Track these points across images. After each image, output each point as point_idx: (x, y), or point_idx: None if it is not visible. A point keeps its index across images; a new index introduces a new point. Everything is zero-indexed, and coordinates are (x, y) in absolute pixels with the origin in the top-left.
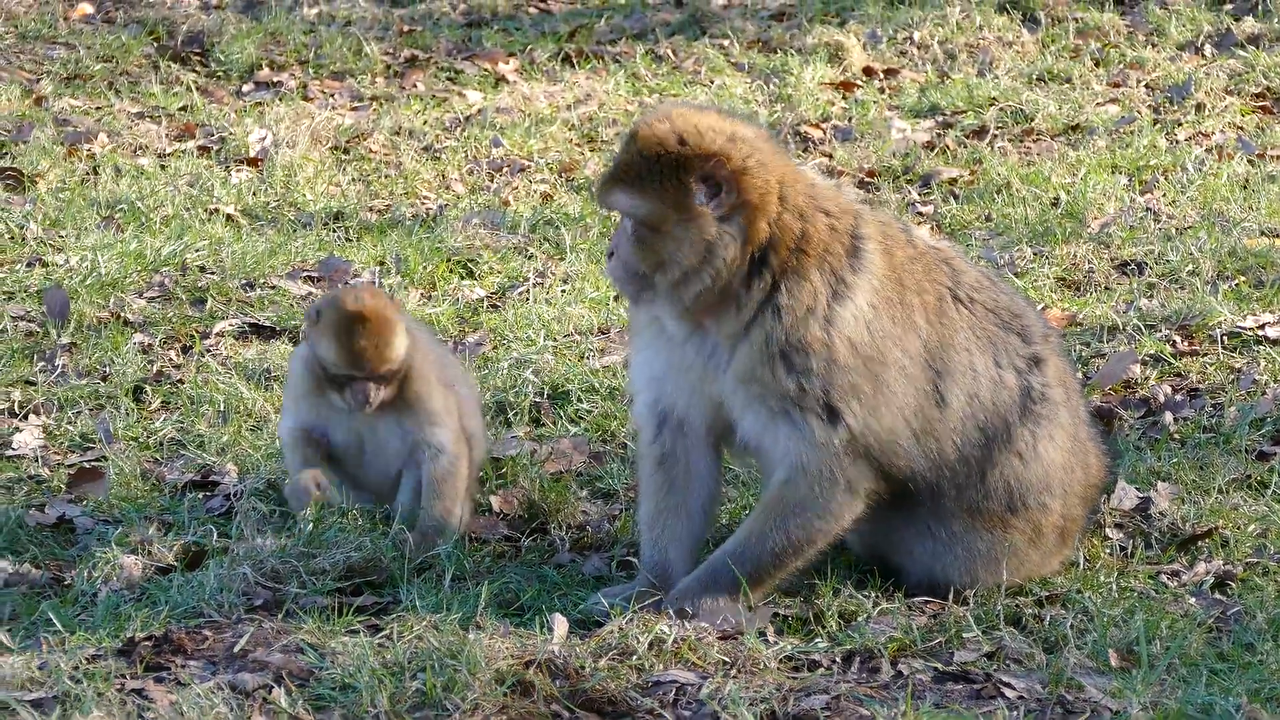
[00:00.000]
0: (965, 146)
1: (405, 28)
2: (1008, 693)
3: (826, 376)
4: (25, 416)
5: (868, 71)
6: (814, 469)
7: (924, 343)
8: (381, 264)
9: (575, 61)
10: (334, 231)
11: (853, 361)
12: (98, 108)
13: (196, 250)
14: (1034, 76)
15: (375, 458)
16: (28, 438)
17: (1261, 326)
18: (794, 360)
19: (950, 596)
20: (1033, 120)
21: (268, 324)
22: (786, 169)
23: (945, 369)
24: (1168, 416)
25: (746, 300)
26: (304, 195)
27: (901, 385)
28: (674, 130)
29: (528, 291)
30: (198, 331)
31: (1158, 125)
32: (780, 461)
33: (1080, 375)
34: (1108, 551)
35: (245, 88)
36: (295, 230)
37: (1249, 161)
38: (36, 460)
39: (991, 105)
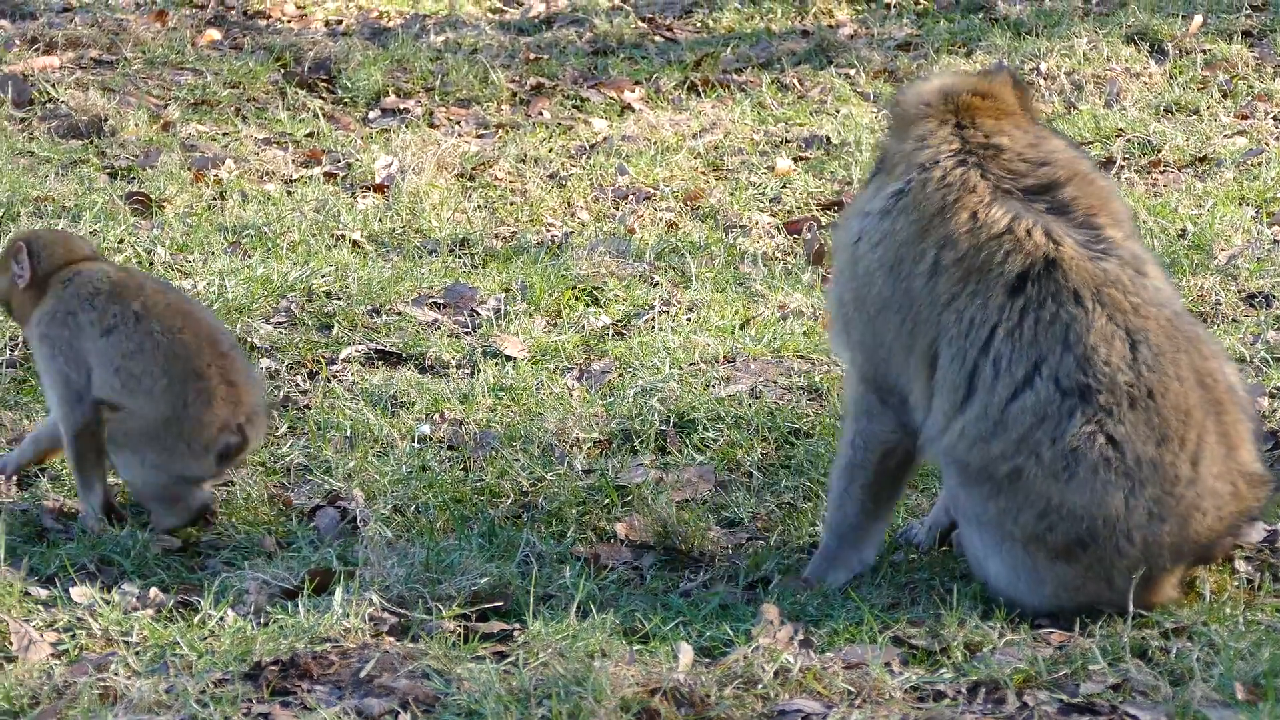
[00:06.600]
0: None
1: (531, 55)
2: None
3: None
4: None
5: None
6: None
7: None
8: (507, 291)
9: (701, 90)
10: (459, 258)
11: None
12: (224, 133)
13: (323, 276)
14: (1161, 108)
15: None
16: None
17: None
18: None
19: None
20: (1160, 151)
21: (394, 350)
22: None
23: None
24: None
25: None
26: (429, 222)
27: None
28: None
29: (653, 319)
30: (324, 357)
31: None
32: None
33: None
34: (1235, 584)
35: (371, 114)
36: (421, 257)
37: None
38: None
39: (1118, 136)
